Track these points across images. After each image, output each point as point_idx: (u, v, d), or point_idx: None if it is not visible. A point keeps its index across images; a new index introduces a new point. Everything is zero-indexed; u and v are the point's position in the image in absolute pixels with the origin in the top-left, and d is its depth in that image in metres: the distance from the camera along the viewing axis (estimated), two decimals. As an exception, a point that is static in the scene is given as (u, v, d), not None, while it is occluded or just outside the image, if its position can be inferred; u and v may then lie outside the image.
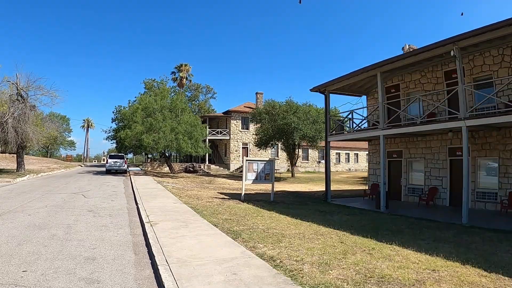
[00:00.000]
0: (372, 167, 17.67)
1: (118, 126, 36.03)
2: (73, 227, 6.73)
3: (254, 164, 12.98)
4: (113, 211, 8.72)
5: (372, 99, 17.83)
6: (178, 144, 23.62)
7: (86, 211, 8.68)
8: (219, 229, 6.58)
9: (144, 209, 8.61)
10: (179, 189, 15.52)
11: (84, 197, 11.52)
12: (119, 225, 7.06)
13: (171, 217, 7.60)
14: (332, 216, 10.18)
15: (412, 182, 15.56)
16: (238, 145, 39.05)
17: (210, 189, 17.05)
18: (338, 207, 12.84)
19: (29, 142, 23.10)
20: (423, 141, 15.01)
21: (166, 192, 13.48)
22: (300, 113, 27.34)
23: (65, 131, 70.38)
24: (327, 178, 15.78)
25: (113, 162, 27.21)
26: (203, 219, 7.46)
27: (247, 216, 8.69)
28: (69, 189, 14.31)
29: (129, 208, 9.44)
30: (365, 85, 17.22)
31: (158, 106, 24.54)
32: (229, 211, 9.48)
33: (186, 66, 43.87)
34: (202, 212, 8.68)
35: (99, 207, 9.42)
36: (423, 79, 15.04)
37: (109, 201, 10.75)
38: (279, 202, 13.08)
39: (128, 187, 15.98)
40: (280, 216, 9.22)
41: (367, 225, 8.62)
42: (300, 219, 8.83)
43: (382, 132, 13.23)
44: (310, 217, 9.30)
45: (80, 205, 9.64)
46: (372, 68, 13.55)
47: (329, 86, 15.90)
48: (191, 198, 12.18)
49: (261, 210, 10.20)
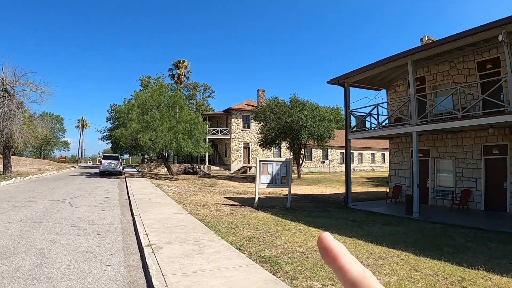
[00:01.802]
0: (394, 167, 16.07)
1: (113, 125, 34.16)
2: (47, 254, 4.95)
3: (269, 165, 11.25)
4: (103, 227, 6.93)
5: (394, 93, 16.26)
6: (178, 143, 21.80)
7: (69, 226, 6.89)
8: (246, 255, 4.83)
9: (142, 224, 6.84)
10: (181, 194, 13.73)
11: (71, 206, 9.71)
12: (110, 249, 5.28)
13: (178, 236, 5.83)
14: (369, 227, 8.61)
15: (440, 184, 14.11)
16: (239, 145, 37.25)
17: (215, 193, 15.29)
18: (364, 214, 11.26)
19: (15, 142, 21.21)
20: (454, 139, 13.56)
21: (166, 198, 11.70)
22: (307, 110, 25.65)
23: (59, 131, 67.96)
24: (347, 181, 14.13)
25: (107, 164, 25.29)
26: (221, 239, 5.71)
27: (272, 231, 6.97)
28: (56, 195, 12.47)
29: (123, 222, 7.65)
30: (386, 77, 15.67)
31: (155, 103, 22.68)
32: (247, 223, 7.75)
33: (184, 63, 41.92)
34: (216, 227, 6.93)
35: (86, 220, 7.62)
36: (453, 71, 13.55)
37: (100, 211, 8.94)
38: (297, 209, 11.39)
39: (123, 192, 14.16)
40: (310, 229, 7.54)
41: (420, 240, 7.15)
42: (338, 233, 7.18)
43: (414, 128, 11.71)
44: (346, 230, 7.74)
45: (64, 218, 7.84)
46: (401, 56, 12.10)
47: (349, 77, 14.29)
48: (196, 205, 10.41)
49: (283, 221, 8.49)
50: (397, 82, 16.16)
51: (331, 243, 0.42)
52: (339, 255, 0.41)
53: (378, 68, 13.29)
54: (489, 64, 12.46)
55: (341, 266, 0.40)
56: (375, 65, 13.14)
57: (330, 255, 0.41)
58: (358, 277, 0.39)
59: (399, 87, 16.19)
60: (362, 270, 0.40)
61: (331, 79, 14.66)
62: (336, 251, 0.41)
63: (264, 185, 11.19)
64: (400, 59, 12.29)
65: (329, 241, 0.42)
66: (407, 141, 15.45)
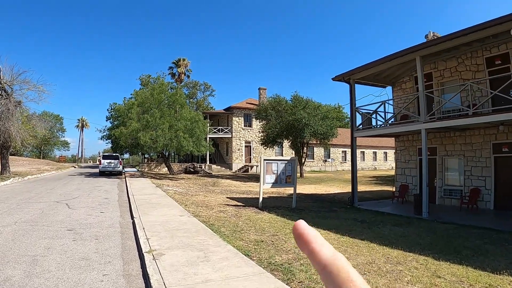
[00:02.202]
0: (401, 166, 15.70)
1: (113, 124, 33.78)
2: (40, 262, 4.57)
3: (273, 164, 10.85)
4: (101, 230, 6.54)
5: (399, 90, 15.88)
6: (179, 142, 21.38)
7: (66, 230, 6.50)
8: (256, 262, 4.44)
9: (143, 227, 6.45)
10: (182, 194, 13.35)
11: (68, 208, 9.32)
12: (108, 256, 4.89)
13: (181, 241, 5.45)
14: (379, 228, 8.27)
15: (448, 183, 13.78)
16: (240, 144, 36.83)
17: (217, 193, 14.90)
18: (372, 214, 10.92)
19: (13, 142, 20.81)
20: (462, 137, 13.21)
21: (167, 199, 11.31)
22: (310, 108, 25.23)
23: (59, 131, 67.53)
24: (353, 180, 13.74)
25: (107, 163, 24.87)
26: (227, 244, 5.32)
27: (280, 234, 6.58)
28: (53, 196, 12.09)
29: (122, 224, 7.26)
30: (392, 74, 15.30)
31: (155, 101, 22.26)
32: (253, 225, 7.37)
33: (184, 61, 41.43)
34: (220, 230, 6.54)
35: (83, 223, 7.23)
36: (461, 67, 13.20)
37: (98, 213, 8.56)
38: (303, 210, 11.02)
39: (123, 193, 13.77)
40: (319, 231, 7.10)
41: (434, 242, 6.84)
42: (349, 235, 6.82)
43: (424, 126, 11.37)
44: (356, 232, 7.39)
45: (60, 220, 7.45)
46: (409, 51, 11.77)
47: (355, 74, 13.90)
48: (199, 206, 10.02)
49: (290, 222, 8.11)
50: (403, 79, 15.79)
51: (304, 228, 0.42)
52: (311, 239, 0.42)
53: (384, 64, 12.92)
54: (498, 60, 12.12)
55: (312, 249, 0.41)
56: (382, 61, 12.75)
57: (303, 240, 0.42)
58: (329, 259, 0.40)
59: (405, 84, 15.82)
60: (333, 252, 0.41)
61: (336, 76, 14.26)
62: (308, 236, 0.42)
63: (268, 184, 10.80)
64: (408, 55, 11.93)
65: (302, 227, 0.42)
66: (413, 139, 15.09)
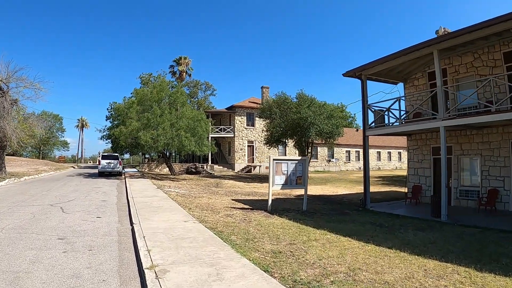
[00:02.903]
0: (413, 166, 15.00)
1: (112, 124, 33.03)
2: (23, 281, 3.83)
3: (283, 164, 10.12)
4: (96, 239, 5.80)
5: (412, 86, 15.19)
6: (180, 142, 20.64)
7: (56, 239, 5.76)
8: (279, 281, 3.70)
9: (143, 235, 5.72)
10: (185, 197, 12.61)
11: (62, 212, 8.58)
12: (102, 273, 4.15)
13: (188, 253, 4.71)
14: (402, 233, 7.59)
15: (464, 183, 13.14)
16: (243, 143, 36.08)
17: (221, 195, 14.18)
18: (388, 217, 10.23)
19: (8, 141, 20.08)
20: (479, 135, 12.56)
21: (170, 202, 10.58)
22: (315, 107, 24.47)
23: (58, 131, 66.78)
24: (365, 181, 13.06)
25: (106, 163, 24.13)
26: (241, 256, 4.58)
27: (298, 243, 5.85)
28: (48, 198, 11.36)
29: (120, 232, 6.52)
30: (404, 70, 14.63)
31: (155, 99, 21.52)
32: (265, 232, 6.64)
33: (185, 59, 40.69)
34: (231, 238, 5.81)
35: (77, 230, 6.49)
36: (477, 62, 12.56)
37: (94, 218, 7.82)
38: (314, 212, 10.30)
39: (122, 194, 13.04)
40: (339, 238, 6.45)
41: (467, 249, 6.19)
42: (373, 243, 6.16)
43: (442, 123, 10.70)
44: (379, 238, 6.72)
45: (52, 227, 6.72)
46: (426, 45, 11.17)
47: (367, 69, 13.22)
48: (203, 210, 9.29)
49: (305, 228, 7.39)
50: (416, 75, 15.11)
51: None
52: None
53: (399, 59, 12.25)
54: (517, 55, 11.49)
55: None
56: (396, 55, 12.08)
57: None
58: None
59: (417, 80, 15.13)
60: None
61: (347, 71, 13.56)
62: None
63: (278, 186, 10.08)
64: (424, 48, 11.29)
65: None
66: (427, 138, 14.42)
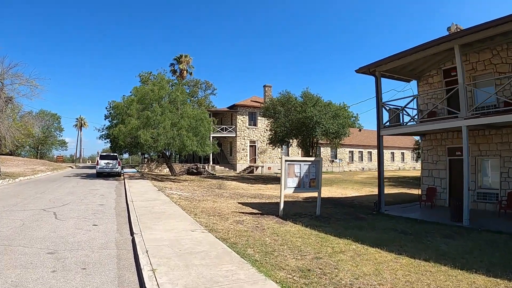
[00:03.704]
0: (427, 167, 14.27)
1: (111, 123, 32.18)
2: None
3: (296, 165, 9.34)
4: (91, 254, 5.01)
5: (426, 84, 14.48)
6: (182, 141, 19.85)
7: (46, 253, 4.97)
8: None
9: (146, 249, 4.94)
10: (189, 200, 11.82)
11: (55, 218, 7.78)
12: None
13: (201, 274, 3.92)
14: (431, 241, 6.90)
15: (482, 186, 12.44)
16: (245, 143, 35.28)
17: (226, 198, 13.40)
18: (407, 222, 9.56)
19: (2, 140, 19.29)
20: (498, 135, 11.88)
21: (173, 206, 9.79)
22: (320, 106, 23.71)
23: (56, 130, 65.82)
24: (380, 184, 12.32)
25: (104, 164, 23.30)
26: (265, 278, 3.79)
27: (323, 256, 5.09)
28: (42, 201, 10.56)
29: (119, 243, 5.73)
30: (419, 67, 13.95)
31: (156, 97, 20.72)
32: (284, 243, 5.85)
33: (186, 58, 39.88)
34: (247, 252, 5.03)
35: (70, 241, 5.69)
36: (495, 59, 11.92)
37: (90, 226, 7.03)
38: (329, 217, 9.55)
39: (121, 198, 12.24)
40: (367, 249, 5.71)
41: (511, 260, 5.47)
42: (407, 255, 5.53)
43: (465, 122, 10.00)
44: (409, 248, 6.00)
45: (42, 238, 5.92)
46: (446, 40, 10.36)
47: (381, 65, 12.51)
48: (210, 216, 8.50)
49: (325, 237, 6.61)
50: (430, 72, 14.42)
51: None
52: None
53: (416, 55, 11.59)
54: (536, 51, 10.85)
55: None
56: (413, 50, 11.41)
57: None
58: None
59: (432, 78, 14.43)
60: None
61: (360, 68, 12.82)
62: None
63: (290, 189, 9.30)
64: (445, 43, 10.61)
65: None
66: (442, 138, 13.70)
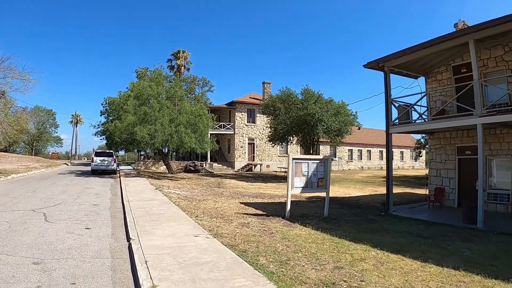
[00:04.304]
0: (435, 166, 13.83)
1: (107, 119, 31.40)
2: None
3: (303, 164, 8.78)
4: (82, 264, 4.40)
5: (434, 81, 14.03)
6: (180, 138, 19.21)
7: (31, 263, 4.36)
8: None
9: (145, 259, 4.35)
10: (188, 200, 11.23)
11: (45, 220, 7.16)
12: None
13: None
14: (451, 246, 6.45)
15: (493, 186, 12.03)
16: (243, 141, 34.67)
17: (227, 197, 12.83)
18: (419, 224, 9.07)
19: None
20: (510, 134, 11.48)
21: (172, 207, 9.20)
22: (321, 103, 23.16)
23: (52, 126, 64.70)
24: (388, 184, 11.82)
25: (99, 161, 22.59)
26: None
27: (344, 265, 4.54)
28: (32, 201, 9.91)
29: (114, 251, 5.13)
30: (428, 63, 13.49)
31: (154, 92, 20.03)
32: (298, 249, 5.29)
33: (184, 53, 39.13)
34: (260, 262, 4.46)
35: (59, 249, 5.08)
36: (508, 56, 11.52)
37: (82, 230, 6.41)
38: (337, 219, 9.04)
39: (117, 197, 11.61)
40: (388, 256, 5.20)
41: None
42: (433, 262, 5.10)
43: (480, 120, 9.55)
44: (433, 254, 5.57)
45: (29, 244, 5.31)
46: (460, 34, 9.84)
47: (391, 60, 12.03)
48: (213, 218, 7.92)
49: (340, 241, 6.07)
50: (439, 68, 13.97)
51: None
52: None
53: (428, 49, 11.13)
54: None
55: None
56: (426, 44, 10.95)
57: None
58: None
59: (441, 75, 13.97)
60: None
61: (369, 62, 12.31)
62: None
63: (298, 189, 8.74)
64: (459, 38, 10.17)
65: None
66: (451, 137, 13.27)
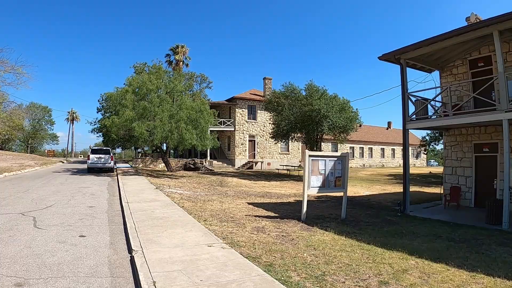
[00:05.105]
0: (451, 164, 13.14)
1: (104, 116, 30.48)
2: None
3: (320, 161, 8.01)
4: (75, 285, 3.59)
5: (450, 75, 13.35)
6: (180, 135, 18.38)
7: (12, 285, 3.56)
8: None
9: (152, 279, 3.54)
10: (192, 200, 10.43)
11: (34, 226, 6.33)
12: None
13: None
14: (488, 250, 5.85)
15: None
16: (244, 138, 33.85)
17: (232, 197, 12.05)
18: (442, 226, 8.38)
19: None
20: None
21: (176, 209, 8.39)
22: (326, 99, 22.37)
23: (47, 124, 63.49)
24: (405, 183, 11.11)
25: (96, 158, 21.69)
26: None
27: (387, 278, 3.88)
28: (22, 202, 9.07)
29: (114, 268, 4.30)
30: (444, 56, 12.83)
31: (153, 86, 19.15)
32: (329, 260, 4.51)
33: (183, 48, 38.15)
34: (292, 279, 3.64)
35: (47, 263, 4.27)
36: None
37: (76, 238, 5.59)
38: (355, 221, 8.35)
39: (115, 197, 10.78)
40: (430, 266, 4.52)
41: None
42: (481, 272, 4.39)
43: (506, 116, 8.95)
44: (473, 261, 5.01)
45: (12, 256, 4.49)
46: (484, 25, 9.21)
47: (408, 52, 11.37)
48: (223, 221, 7.13)
49: (368, 248, 5.33)
50: (455, 62, 13.30)
51: None
52: None
53: (446, 41, 10.56)
54: None
55: None
56: (445, 36, 10.32)
57: None
58: None
59: (456, 69, 13.30)
60: None
61: (384, 54, 11.58)
62: None
63: (314, 189, 7.97)
64: (482, 29, 9.56)
65: None
66: (468, 133, 12.60)
